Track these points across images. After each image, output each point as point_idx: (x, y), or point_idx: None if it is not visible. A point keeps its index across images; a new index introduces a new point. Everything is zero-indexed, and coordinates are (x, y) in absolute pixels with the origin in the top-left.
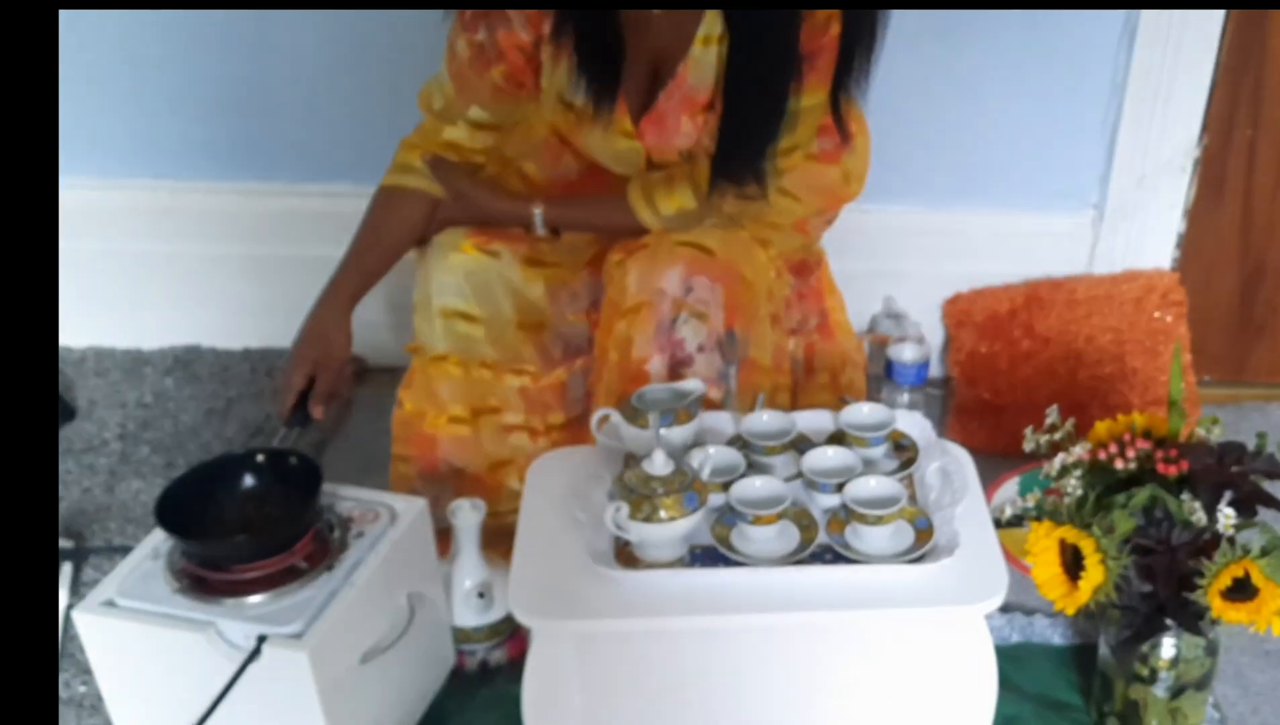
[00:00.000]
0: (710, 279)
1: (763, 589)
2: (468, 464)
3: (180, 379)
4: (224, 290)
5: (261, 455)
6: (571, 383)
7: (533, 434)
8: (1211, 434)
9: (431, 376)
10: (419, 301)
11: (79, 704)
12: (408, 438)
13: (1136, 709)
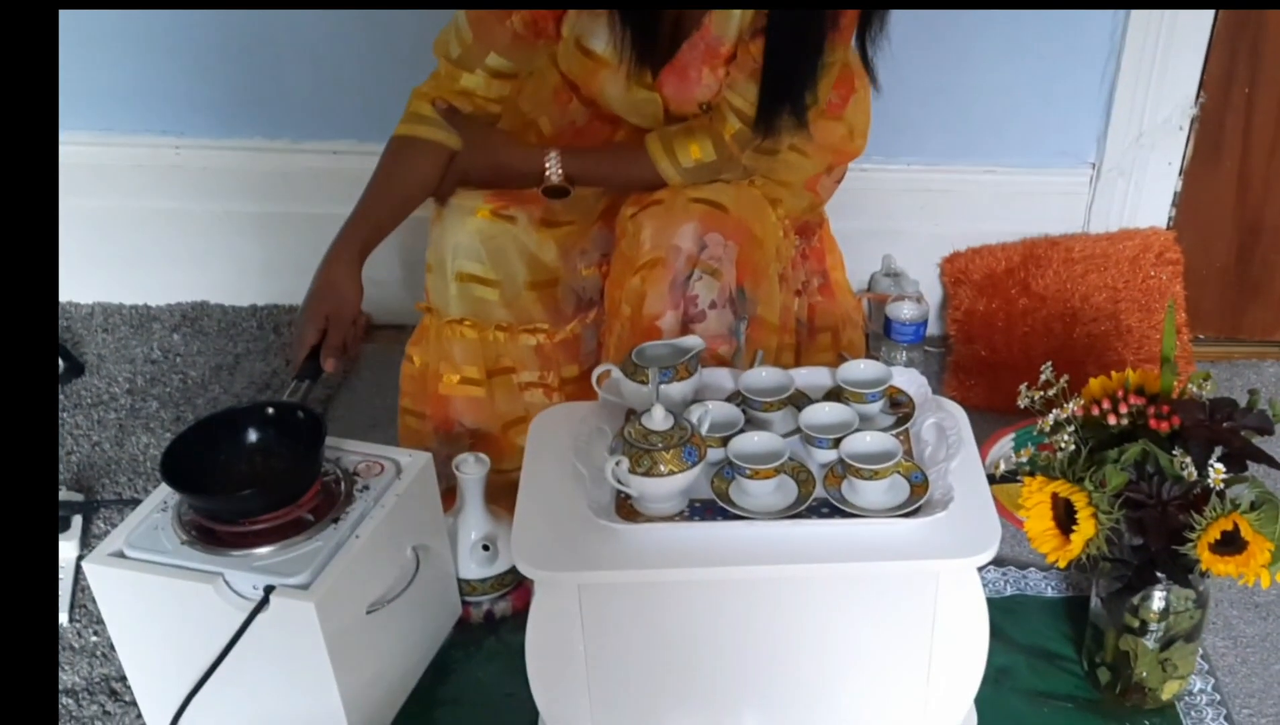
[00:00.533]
0: (724, 236)
1: (761, 542)
2: (481, 424)
3: (188, 335)
4: (231, 247)
5: (269, 409)
6: (585, 336)
7: (547, 390)
8: (1203, 390)
9: (445, 338)
10: (433, 263)
11: (91, 653)
12: (417, 393)
13: (1127, 659)
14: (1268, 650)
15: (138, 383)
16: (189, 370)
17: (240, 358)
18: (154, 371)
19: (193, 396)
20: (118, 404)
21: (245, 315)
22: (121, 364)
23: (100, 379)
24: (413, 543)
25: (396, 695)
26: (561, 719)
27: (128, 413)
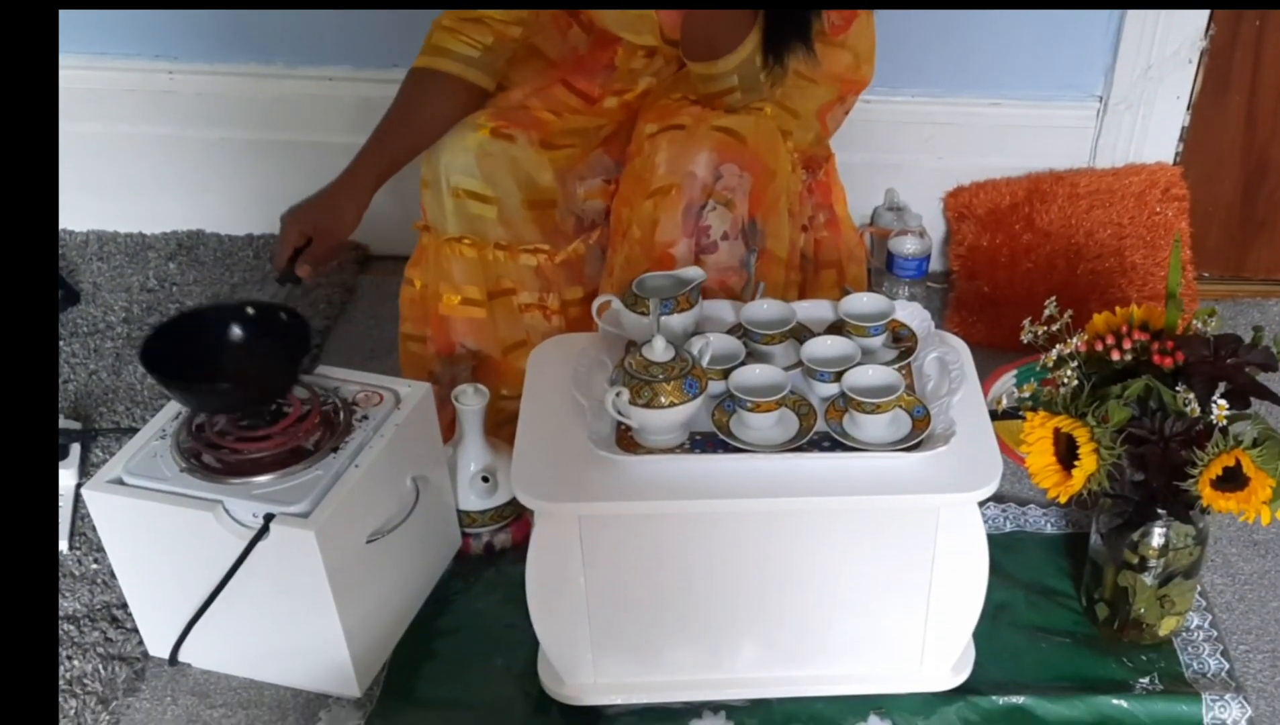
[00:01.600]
0: (740, 167)
1: (761, 475)
2: (482, 346)
3: (184, 264)
4: (226, 175)
5: (251, 308)
6: (589, 257)
7: (547, 313)
8: (1208, 326)
9: (444, 257)
10: (428, 178)
11: (91, 580)
12: (419, 317)
13: (1125, 595)
14: (1265, 587)
15: (134, 312)
16: (185, 299)
17: (237, 288)
18: (150, 300)
19: None
20: (114, 333)
21: (241, 245)
22: (117, 293)
23: (96, 307)
24: (412, 473)
25: (397, 625)
26: (561, 650)
27: (124, 342)
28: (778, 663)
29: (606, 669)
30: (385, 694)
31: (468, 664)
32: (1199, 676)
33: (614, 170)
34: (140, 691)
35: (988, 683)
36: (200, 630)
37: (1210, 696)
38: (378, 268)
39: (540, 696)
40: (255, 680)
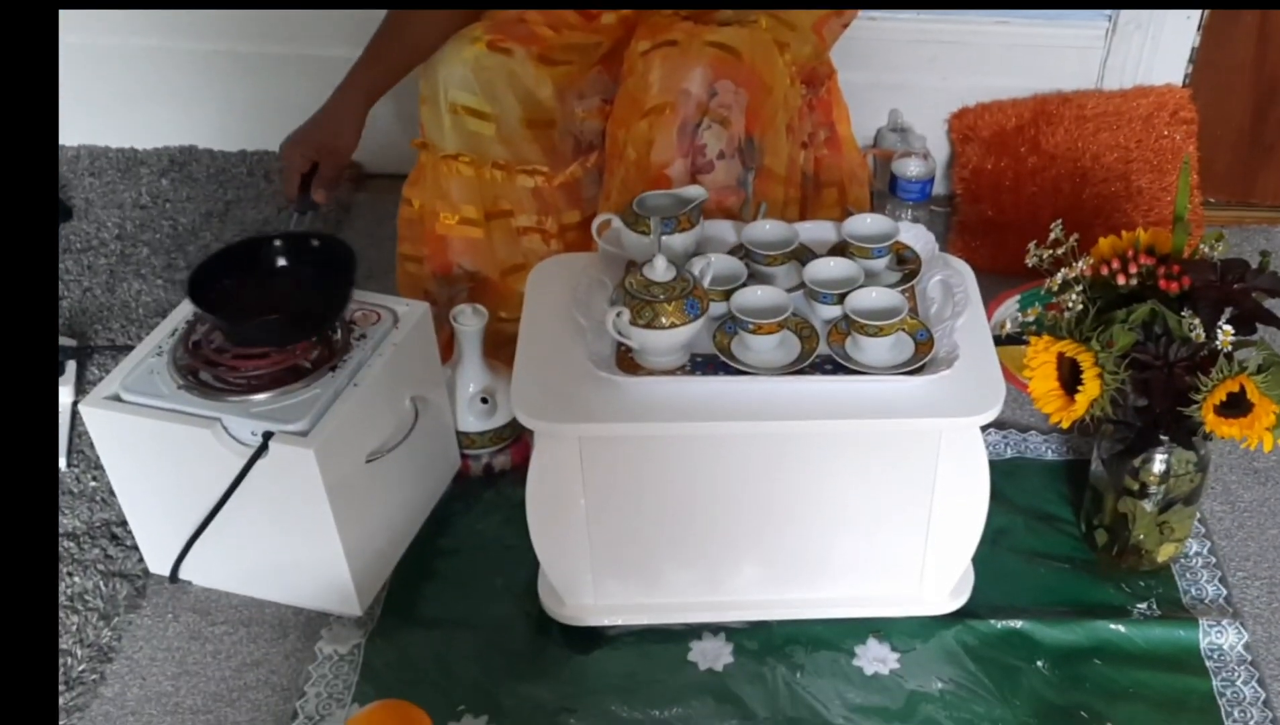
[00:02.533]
0: (735, 83)
1: (763, 397)
2: (480, 267)
3: (177, 180)
4: (219, 89)
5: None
6: (586, 180)
7: (545, 236)
8: (1215, 251)
9: (442, 175)
10: (426, 94)
11: (90, 498)
12: (417, 237)
13: (1125, 522)
14: (1265, 515)
15: (127, 228)
16: (179, 216)
17: (231, 205)
18: (143, 217)
19: (183, 243)
20: (108, 250)
21: (235, 161)
22: (110, 209)
23: (89, 224)
24: (411, 393)
25: (397, 545)
26: (562, 571)
27: (118, 259)
28: (777, 585)
29: (607, 590)
30: (386, 613)
31: (468, 584)
32: (1196, 602)
33: (612, 90)
34: (141, 608)
35: (986, 607)
36: (200, 548)
37: (1207, 622)
38: (374, 187)
39: (541, 617)
40: (256, 598)
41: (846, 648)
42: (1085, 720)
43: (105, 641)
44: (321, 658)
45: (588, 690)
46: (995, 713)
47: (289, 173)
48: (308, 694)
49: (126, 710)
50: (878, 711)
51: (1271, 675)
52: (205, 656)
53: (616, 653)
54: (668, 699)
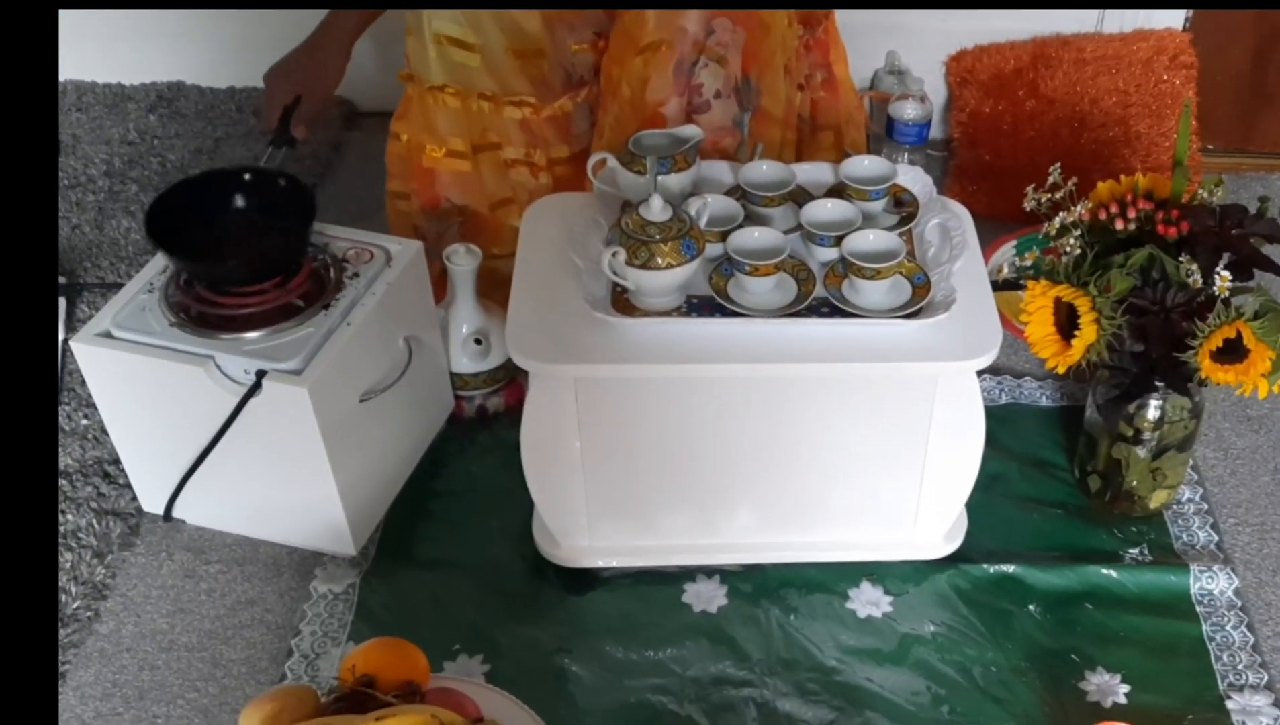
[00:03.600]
0: (732, 21)
1: (759, 340)
2: (469, 201)
3: (165, 116)
4: (207, 25)
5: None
6: (576, 115)
7: (534, 169)
8: (1214, 196)
9: (429, 107)
10: (411, 25)
11: (82, 436)
12: (406, 173)
13: (1118, 468)
14: (1257, 462)
15: (115, 165)
16: (167, 153)
17: (220, 142)
18: (131, 153)
19: (172, 180)
20: (96, 186)
21: (223, 97)
22: (98, 145)
23: (76, 160)
24: (404, 333)
25: (391, 486)
26: (557, 512)
27: (106, 195)
28: (772, 529)
29: (602, 532)
30: (380, 553)
31: (463, 526)
32: (1188, 548)
33: (606, 25)
34: (135, 546)
35: (979, 551)
36: (194, 487)
37: (1198, 567)
38: (365, 125)
39: (536, 559)
40: (250, 537)
41: (840, 591)
42: (1076, 663)
43: (99, 579)
44: (316, 597)
45: (583, 631)
46: (987, 655)
47: (270, 104)
48: (303, 632)
49: (122, 647)
50: (870, 653)
51: (1260, 620)
52: (200, 594)
53: (611, 594)
54: (662, 640)
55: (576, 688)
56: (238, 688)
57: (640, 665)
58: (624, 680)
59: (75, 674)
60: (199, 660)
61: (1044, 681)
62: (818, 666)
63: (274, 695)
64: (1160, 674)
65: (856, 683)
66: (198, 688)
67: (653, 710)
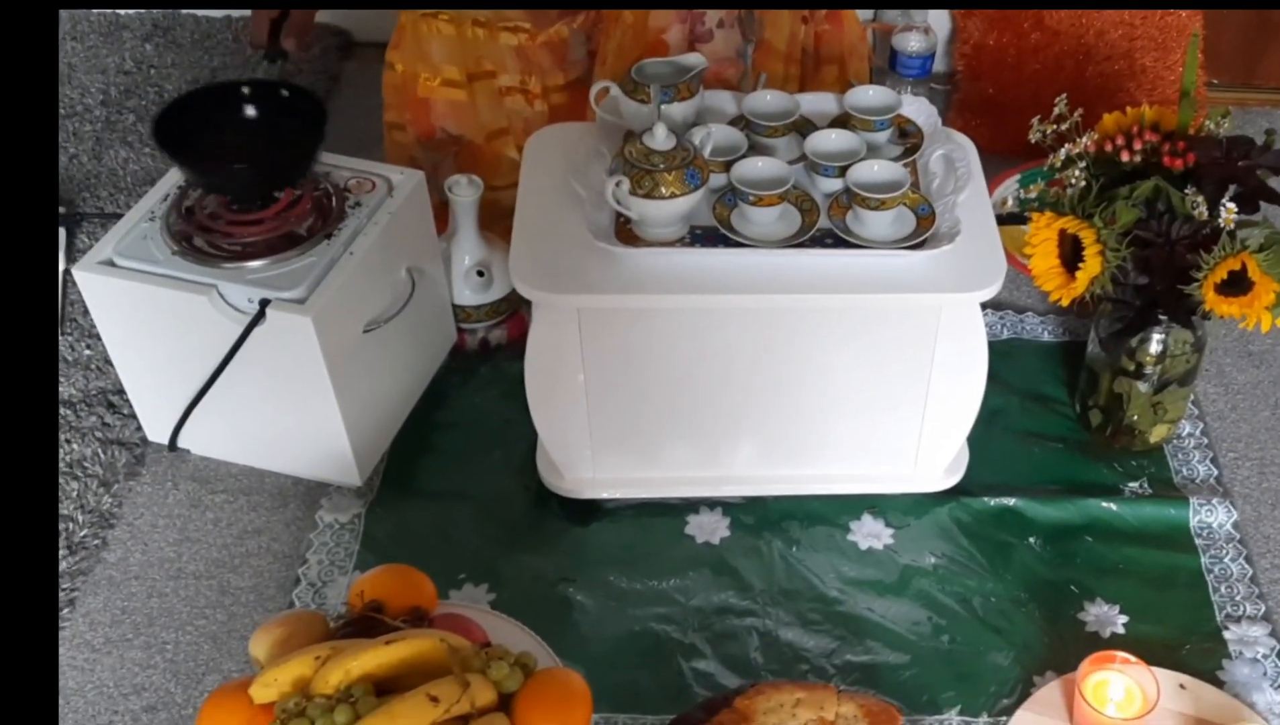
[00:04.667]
0: None
1: (762, 270)
2: (464, 131)
3: (161, 46)
4: None
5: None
6: (573, 41)
7: (529, 97)
8: (1221, 128)
9: (422, 35)
10: None
11: (85, 366)
12: (401, 103)
13: (1119, 402)
14: (1258, 397)
15: (111, 94)
16: (164, 83)
17: (216, 71)
18: (127, 83)
19: None
20: (93, 116)
21: (219, 26)
22: (93, 75)
23: (72, 89)
24: (407, 264)
25: (395, 417)
26: (560, 444)
27: (104, 125)
28: (774, 461)
29: (605, 464)
30: (385, 484)
31: (466, 457)
32: (1188, 482)
33: None
34: (141, 476)
35: (980, 485)
36: (199, 417)
37: (1198, 500)
38: (361, 55)
39: (539, 490)
40: (255, 468)
41: (841, 523)
42: (1075, 595)
43: (106, 508)
44: (322, 526)
45: (587, 561)
46: (987, 586)
47: (257, 17)
48: (310, 561)
49: (130, 575)
50: (871, 584)
51: (1259, 553)
52: (206, 524)
53: (615, 525)
54: (666, 570)
55: (581, 616)
56: (246, 615)
57: (644, 595)
58: (628, 609)
59: (84, 601)
60: (207, 588)
61: (1043, 612)
62: (819, 597)
63: (283, 620)
64: (1158, 605)
65: (858, 613)
66: (206, 615)
67: (656, 638)
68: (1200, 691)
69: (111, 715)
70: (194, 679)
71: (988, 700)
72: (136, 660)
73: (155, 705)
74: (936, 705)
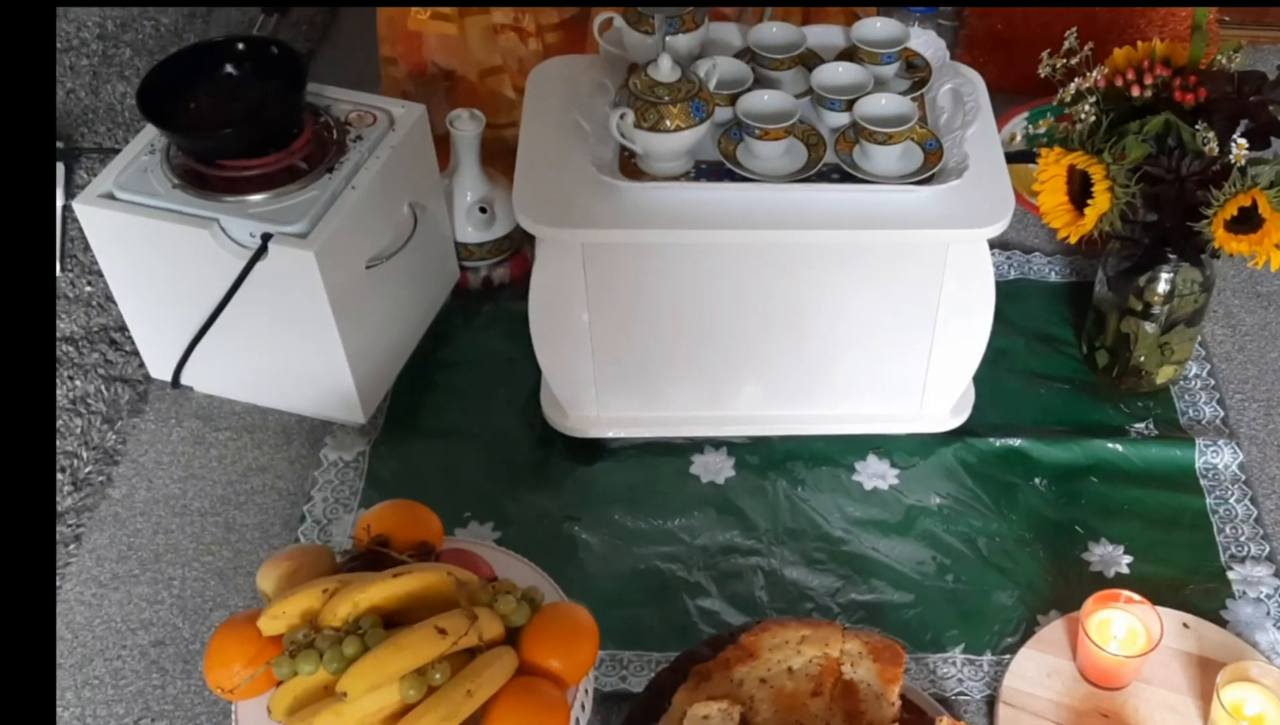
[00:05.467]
0: None
1: (768, 206)
2: (455, 66)
3: None
4: None
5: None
6: None
7: (523, 35)
8: (1233, 62)
9: None
10: None
11: (86, 302)
12: (393, 36)
13: (1126, 342)
14: (1266, 339)
15: (108, 28)
16: (160, 16)
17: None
18: (124, 16)
19: (166, 44)
20: (89, 50)
21: None
22: (88, 8)
23: (68, 23)
24: (409, 199)
25: (398, 355)
26: (565, 382)
27: (100, 59)
28: (779, 401)
29: (609, 403)
30: (389, 423)
31: (470, 396)
32: (1194, 423)
33: None
34: (144, 413)
35: (985, 425)
36: (202, 354)
37: (1203, 442)
38: None
39: (544, 429)
40: (259, 406)
41: (846, 463)
42: (1080, 535)
43: (110, 444)
44: (327, 464)
45: (592, 500)
46: (991, 527)
47: None
48: (314, 498)
49: (135, 511)
50: (876, 524)
51: (1264, 494)
52: (210, 461)
53: (619, 464)
54: (670, 510)
55: (586, 554)
56: (252, 551)
57: (649, 534)
58: (633, 548)
59: (90, 537)
60: (212, 525)
61: (1048, 552)
62: (824, 537)
63: (290, 554)
64: (1163, 545)
65: (862, 552)
66: (212, 551)
67: (662, 577)
68: (1203, 630)
69: (120, 649)
70: (201, 614)
71: (992, 639)
72: (143, 596)
73: (163, 640)
74: (940, 644)
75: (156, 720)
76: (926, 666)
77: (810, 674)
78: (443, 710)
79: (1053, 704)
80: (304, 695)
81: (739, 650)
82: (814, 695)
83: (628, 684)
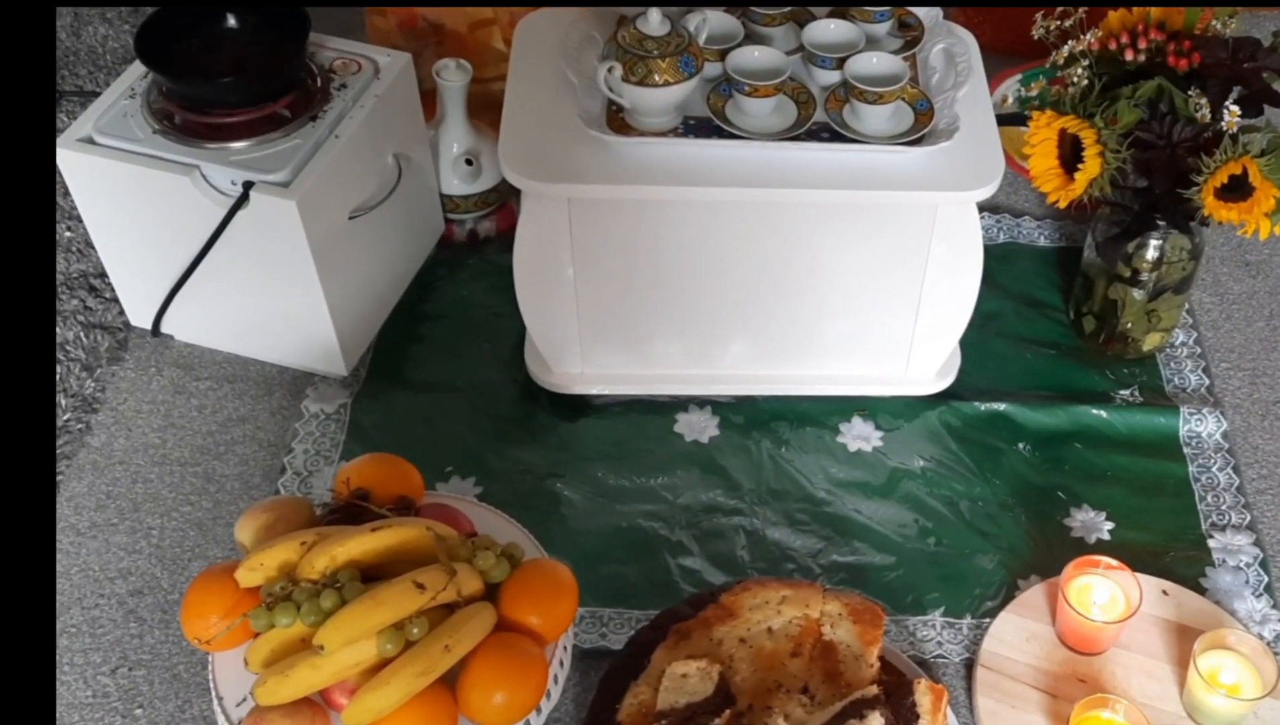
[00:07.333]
0: None
1: (757, 163)
2: (445, 19)
3: None
4: None
5: None
6: None
7: None
8: (1228, 28)
9: None
10: None
11: (66, 248)
12: None
13: (1114, 309)
14: (1253, 308)
15: None
16: None
17: None
18: None
19: None
20: None
21: None
22: None
23: None
24: (394, 149)
25: (382, 307)
26: (549, 338)
27: None
28: (765, 361)
29: (595, 359)
30: (371, 375)
31: (454, 349)
32: (1179, 391)
33: None
34: (124, 361)
35: (971, 389)
36: (183, 303)
37: (1188, 409)
38: None
39: (528, 384)
40: (240, 356)
41: (831, 425)
42: (1062, 500)
43: (89, 392)
44: (308, 416)
45: (575, 456)
46: (975, 490)
47: None
48: (295, 450)
49: (114, 460)
50: (859, 486)
51: (1246, 463)
52: (191, 411)
53: (604, 421)
54: (654, 468)
55: (568, 510)
56: (231, 502)
57: (631, 491)
58: (615, 505)
59: (68, 485)
60: (192, 475)
61: (1030, 517)
62: (807, 497)
63: (269, 506)
64: (1145, 512)
65: (845, 514)
66: (191, 501)
67: (644, 534)
68: (1182, 598)
69: (98, 598)
70: (179, 564)
71: (972, 602)
72: (122, 545)
73: (141, 589)
74: (921, 606)
75: (134, 669)
76: (906, 629)
77: (790, 634)
78: (420, 665)
79: (1031, 668)
80: (281, 648)
81: (719, 609)
82: (793, 655)
83: (607, 641)
